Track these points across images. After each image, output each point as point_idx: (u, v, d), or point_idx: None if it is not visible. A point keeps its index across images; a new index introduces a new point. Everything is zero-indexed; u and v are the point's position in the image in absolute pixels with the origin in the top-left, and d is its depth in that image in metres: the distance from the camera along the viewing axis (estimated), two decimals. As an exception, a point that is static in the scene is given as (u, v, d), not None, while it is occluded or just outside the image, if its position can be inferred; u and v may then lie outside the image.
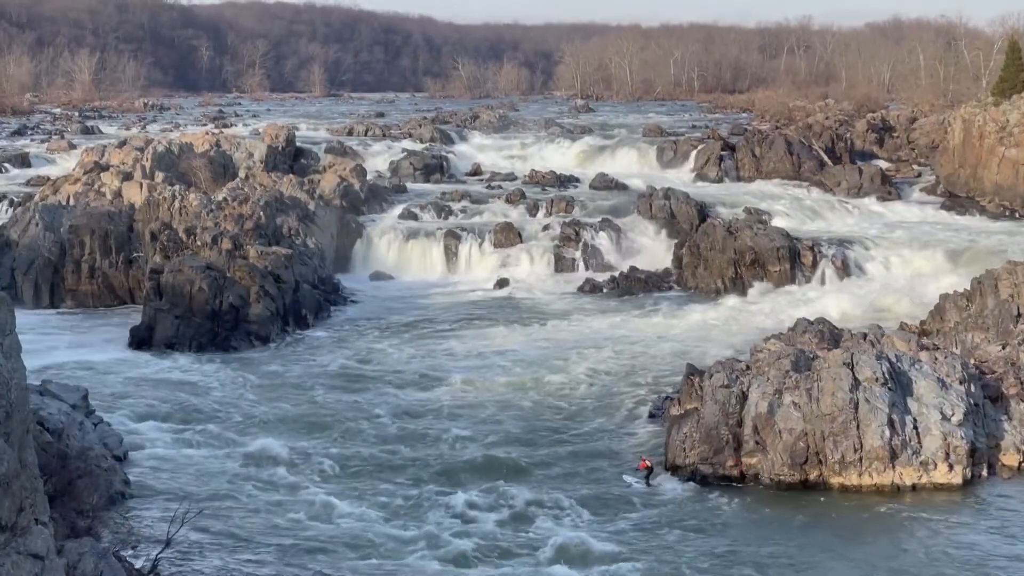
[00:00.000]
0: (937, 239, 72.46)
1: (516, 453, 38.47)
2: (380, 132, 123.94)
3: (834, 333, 42.92)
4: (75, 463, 28.95)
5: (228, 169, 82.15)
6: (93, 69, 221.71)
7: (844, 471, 34.99)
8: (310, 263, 63.31)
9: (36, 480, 16.49)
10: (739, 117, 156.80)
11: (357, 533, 31.77)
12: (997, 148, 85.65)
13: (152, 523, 30.70)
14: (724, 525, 32.76)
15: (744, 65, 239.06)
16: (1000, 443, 37.01)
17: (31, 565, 16.00)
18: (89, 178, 75.33)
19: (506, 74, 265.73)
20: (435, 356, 52.36)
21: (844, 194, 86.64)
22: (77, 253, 64.03)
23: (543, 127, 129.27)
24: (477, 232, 73.94)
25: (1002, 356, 41.95)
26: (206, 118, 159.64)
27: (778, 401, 36.19)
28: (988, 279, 49.25)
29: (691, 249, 67.89)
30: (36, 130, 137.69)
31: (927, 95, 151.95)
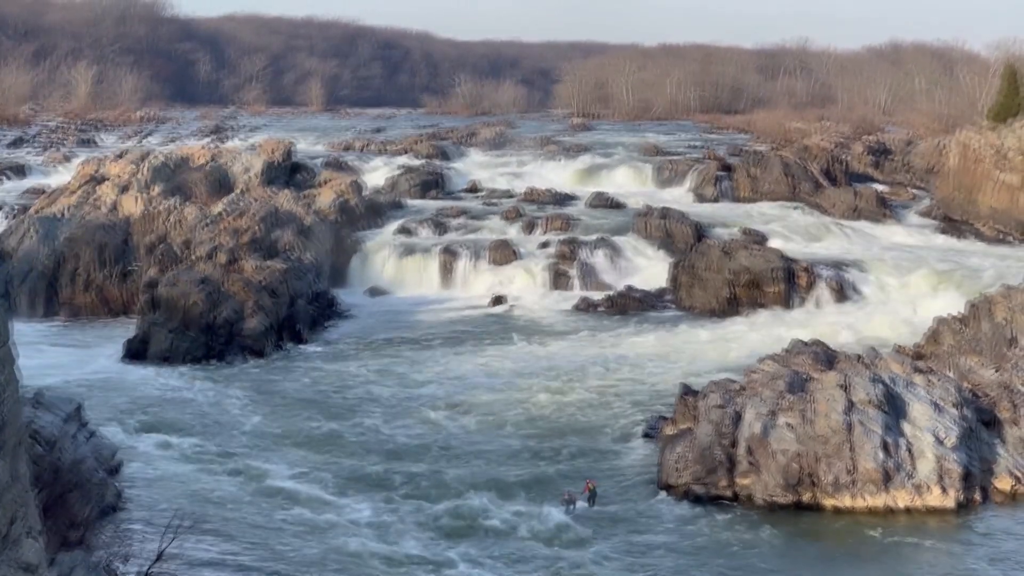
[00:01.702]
0: (932, 262, 72.45)
1: (507, 470, 38.44)
2: (378, 148, 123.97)
3: (829, 355, 42.93)
4: (68, 475, 28.89)
5: (225, 183, 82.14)
6: (91, 81, 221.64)
7: (838, 493, 34.97)
8: (306, 278, 63.28)
9: (28, 492, 16.47)
10: (736, 138, 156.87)
11: (348, 547, 31.72)
12: (993, 172, 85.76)
13: (144, 536, 30.60)
14: (717, 545, 32.70)
15: (742, 86, 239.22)
16: (993, 467, 36.99)
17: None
18: (86, 190, 75.35)
19: (505, 91, 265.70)
20: (429, 372, 52.30)
21: (840, 216, 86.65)
22: (73, 265, 64.04)
23: (541, 145, 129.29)
24: (474, 249, 73.89)
25: (996, 380, 41.95)
26: (204, 131, 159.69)
27: (772, 422, 36.19)
28: (983, 303, 49.30)
29: (687, 269, 67.88)
30: (34, 141, 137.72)
31: (924, 118, 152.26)
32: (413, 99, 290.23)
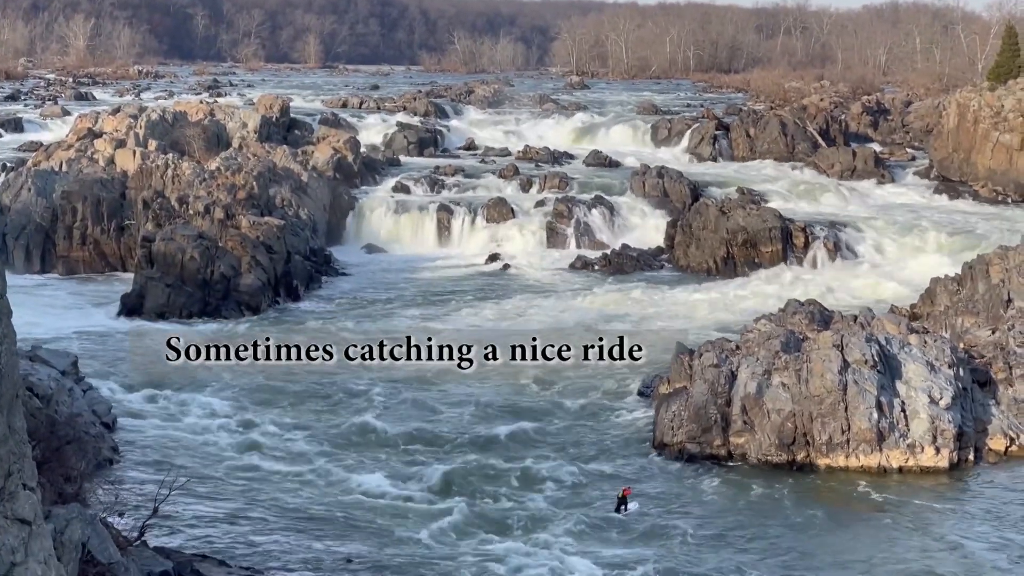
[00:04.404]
0: (929, 223, 72.45)
1: (501, 428, 38.48)
2: (375, 105, 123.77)
3: (824, 315, 42.99)
4: (64, 429, 28.96)
5: (221, 139, 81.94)
6: (88, 35, 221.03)
7: (831, 453, 35.08)
8: (302, 234, 63.23)
9: (24, 445, 16.48)
10: (734, 97, 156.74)
11: (341, 502, 31.87)
12: (991, 133, 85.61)
13: (140, 490, 30.74)
14: (710, 504, 32.84)
15: (740, 45, 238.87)
16: (987, 427, 37.10)
17: (18, 530, 16.00)
18: (82, 144, 75.11)
19: (502, 49, 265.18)
20: (424, 330, 52.28)
21: (837, 176, 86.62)
22: (69, 219, 63.95)
23: (538, 103, 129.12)
24: (470, 207, 73.83)
25: (991, 341, 42.02)
26: (200, 87, 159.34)
27: (767, 382, 36.27)
28: (979, 264, 49.30)
29: (683, 228, 67.86)
30: (30, 95, 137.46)
31: (923, 79, 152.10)
32: (410, 56, 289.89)
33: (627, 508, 31.88)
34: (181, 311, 53.36)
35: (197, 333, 50.29)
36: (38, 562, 16.33)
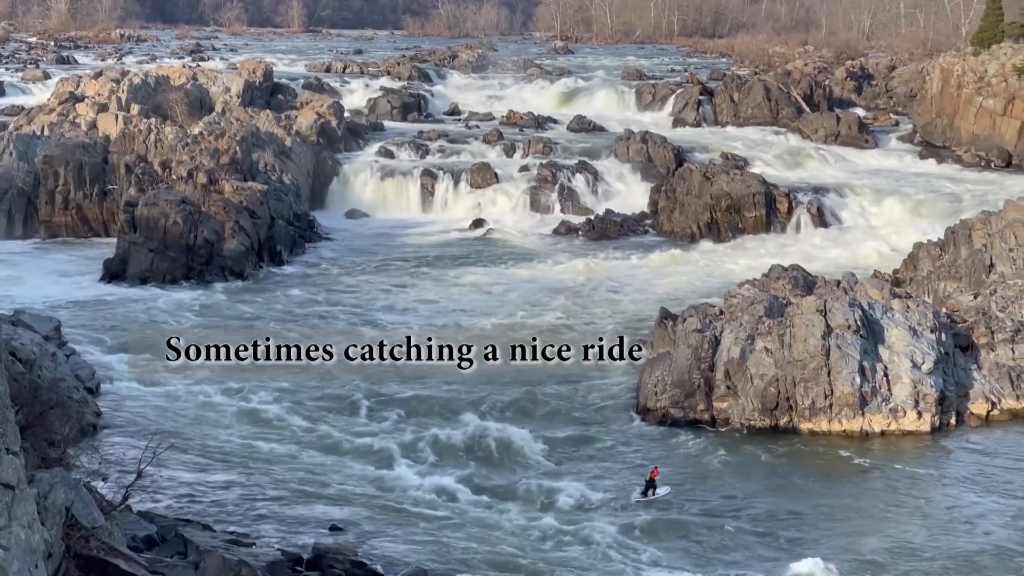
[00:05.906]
0: (912, 188, 72.51)
1: (486, 392, 38.55)
2: (358, 69, 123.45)
3: (808, 280, 43.08)
4: (47, 394, 28.90)
5: (204, 103, 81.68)
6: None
7: (814, 417, 35.23)
8: (285, 199, 63.04)
9: (7, 410, 16.47)
10: (718, 62, 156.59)
11: (320, 466, 31.93)
12: (975, 98, 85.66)
13: (123, 454, 30.74)
14: (694, 468, 32.96)
15: (724, 10, 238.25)
16: (969, 392, 37.28)
17: (1, 494, 16.01)
18: (64, 108, 74.83)
19: (486, 14, 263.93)
20: (407, 295, 52.31)
21: (821, 141, 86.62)
22: (51, 184, 63.63)
23: (522, 68, 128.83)
24: (454, 172, 73.63)
25: (974, 305, 42.14)
26: (183, 51, 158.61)
27: (750, 347, 36.37)
28: (962, 229, 49.39)
29: (667, 193, 67.83)
30: (11, 59, 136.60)
31: (907, 43, 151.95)
32: (394, 21, 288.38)
33: (655, 492, 30.67)
34: (164, 276, 53.22)
35: (182, 303, 50.18)
36: (22, 526, 16.34)
